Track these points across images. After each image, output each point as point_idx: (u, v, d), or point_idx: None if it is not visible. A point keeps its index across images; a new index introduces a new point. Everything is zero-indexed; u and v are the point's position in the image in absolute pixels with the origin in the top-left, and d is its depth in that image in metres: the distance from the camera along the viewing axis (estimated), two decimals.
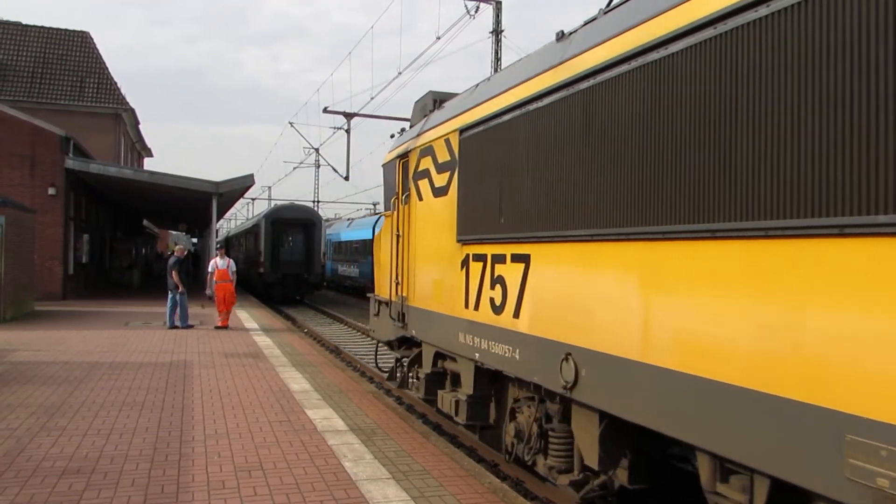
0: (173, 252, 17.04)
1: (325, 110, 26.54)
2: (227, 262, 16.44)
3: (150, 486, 5.16)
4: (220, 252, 16.77)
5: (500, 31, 20.72)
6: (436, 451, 6.35)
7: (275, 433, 6.78)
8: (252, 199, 68.26)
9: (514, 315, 5.49)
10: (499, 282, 5.76)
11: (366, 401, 8.52)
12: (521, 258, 5.42)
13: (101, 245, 30.41)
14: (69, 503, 4.77)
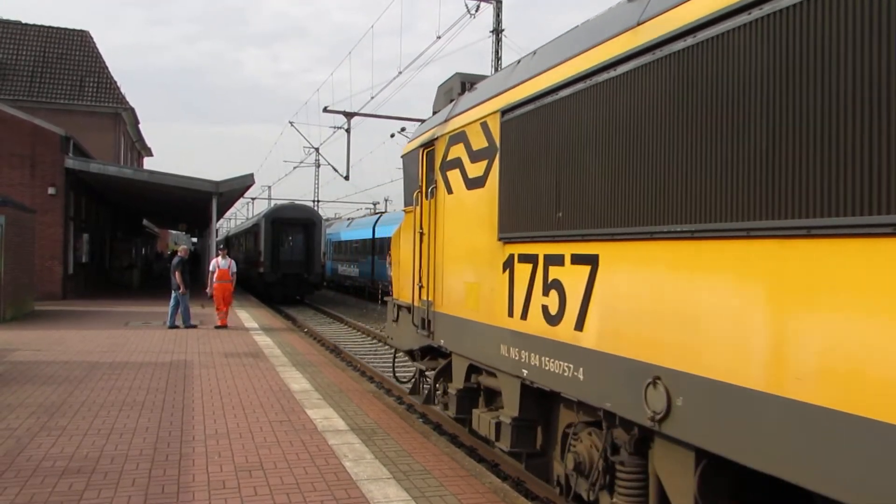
0: (175, 252, 17.07)
1: (326, 110, 26.43)
2: (228, 263, 16.60)
3: (151, 485, 5.16)
4: (223, 252, 16.93)
5: (501, 31, 20.71)
6: (436, 451, 6.35)
7: (275, 433, 6.78)
8: (252, 199, 68.28)
9: (577, 327, 4.69)
10: (554, 287, 4.99)
11: (366, 400, 8.52)
12: (585, 259, 4.64)
13: (101, 245, 30.41)
14: (69, 503, 4.77)
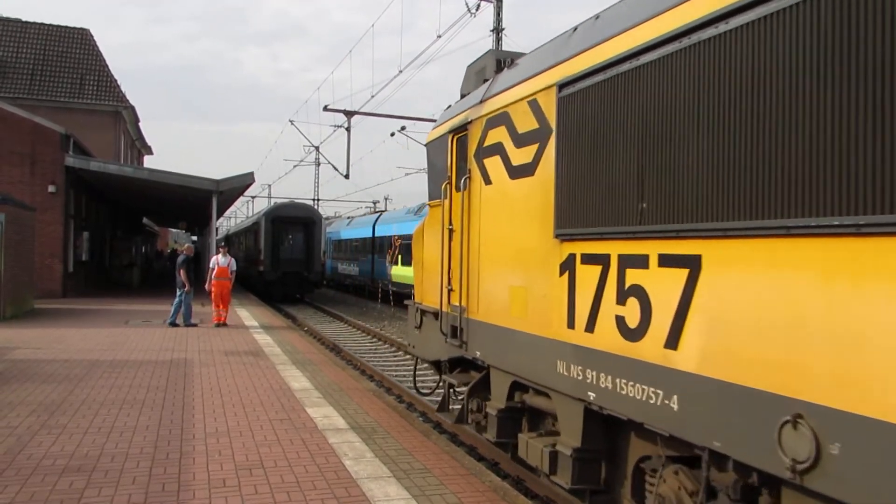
0: (175, 251, 17.11)
1: (326, 108, 26.45)
2: (228, 260, 16.62)
3: (151, 484, 5.16)
4: (223, 250, 16.99)
5: (501, 30, 20.69)
6: (436, 450, 6.36)
7: (275, 431, 6.79)
8: (252, 198, 68.34)
9: (668, 344, 3.94)
10: (634, 294, 4.27)
11: (366, 399, 8.53)
12: (680, 261, 3.90)
13: (101, 243, 30.41)
14: (70, 501, 4.78)
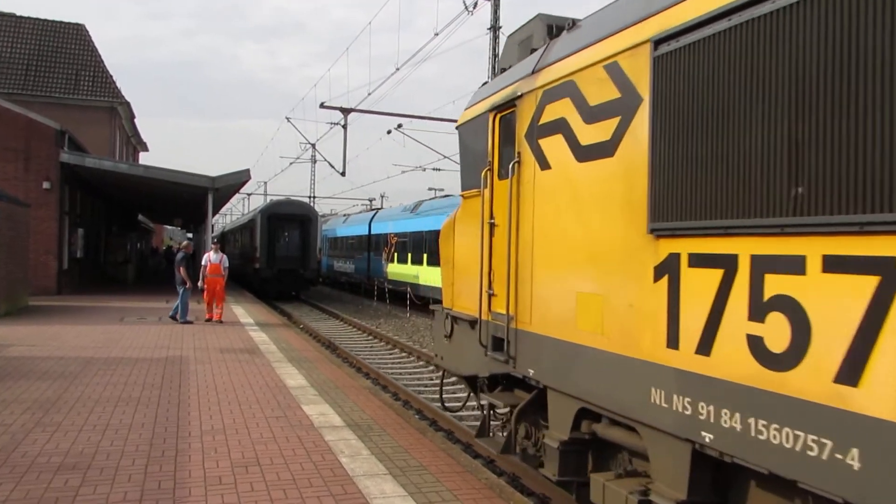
0: (171, 248, 17.07)
1: (323, 105, 26.27)
2: (220, 257, 16.59)
3: (147, 481, 5.15)
4: (215, 247, 16.98)
5: (499, 28, 20.68)
6: (433, 447, 6.36)
7: (271, 429, 6.78)
8: (248, 195, 68.29)
9: (842, 378, 2.95)
10: (780, 307, 3.28)
11: (362, 397, 8.52)
12: (864, 265, 2.89)
13: (96, 240, 30.31)
14: (65, 499, 4.76)
